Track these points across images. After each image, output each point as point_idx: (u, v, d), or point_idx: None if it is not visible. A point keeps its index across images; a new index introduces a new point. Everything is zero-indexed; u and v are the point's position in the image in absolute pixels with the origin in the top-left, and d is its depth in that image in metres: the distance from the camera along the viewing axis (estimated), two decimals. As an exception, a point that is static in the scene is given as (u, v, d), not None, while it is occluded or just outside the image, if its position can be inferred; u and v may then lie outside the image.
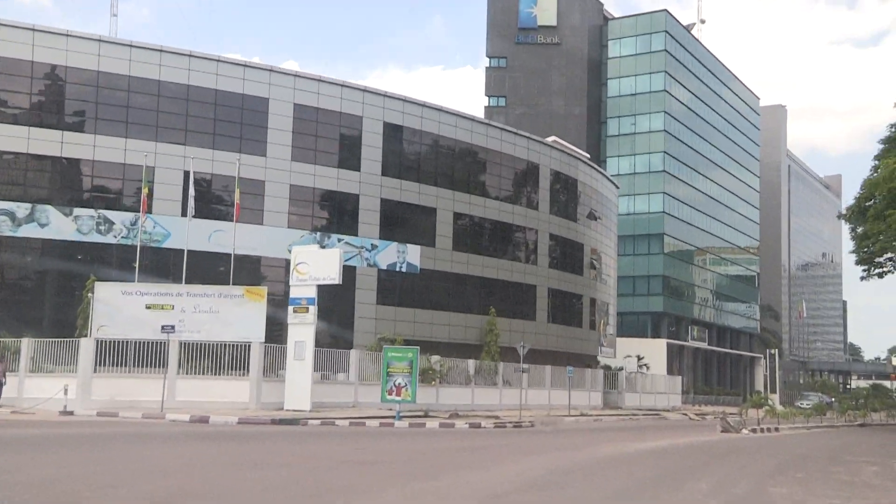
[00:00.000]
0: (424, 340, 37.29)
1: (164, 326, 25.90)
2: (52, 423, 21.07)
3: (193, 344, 26.80)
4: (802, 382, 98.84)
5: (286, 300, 28.06)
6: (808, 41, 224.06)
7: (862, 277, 39.18)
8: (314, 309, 27.19)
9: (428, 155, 42.12)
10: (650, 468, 14.75)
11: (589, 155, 58.20)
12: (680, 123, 75.78)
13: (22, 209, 32.30)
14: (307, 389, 26.76)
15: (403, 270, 39.65)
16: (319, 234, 37.08)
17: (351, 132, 38.89)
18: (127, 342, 26.29)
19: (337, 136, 38.59)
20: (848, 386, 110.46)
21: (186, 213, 31.44)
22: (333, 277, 27.11)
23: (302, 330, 27.21)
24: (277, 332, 28.65)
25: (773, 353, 70.60)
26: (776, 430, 30.28)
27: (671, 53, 74.49)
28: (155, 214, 33.49)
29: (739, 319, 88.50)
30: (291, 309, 27.61)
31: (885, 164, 32.71)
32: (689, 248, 77.31)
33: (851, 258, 39.40)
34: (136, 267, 30.46)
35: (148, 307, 26.92)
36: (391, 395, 25.95)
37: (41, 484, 10.14)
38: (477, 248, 43.27)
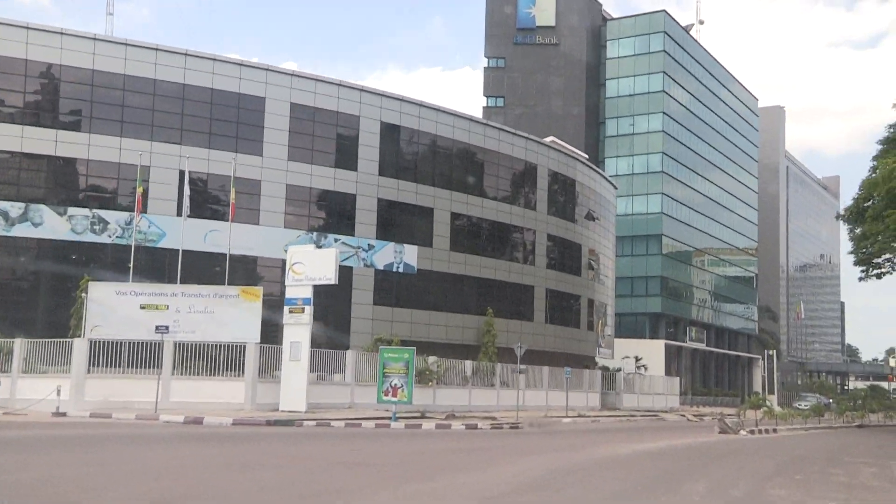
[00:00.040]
0: (421, 341, 37.17)
1: (158, 327, 25.84)
2: (44, 424, 20.93)
3: (188, 344, 26.72)
4: (800, 383, 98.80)
5: (282, 300, 27.95)
6: (806, 43, 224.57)
7: (860, 278, 39.12)
8: (310, 309, 27.16)
9: (425, 155, 41.94)
10: (647, 470, 14.63)
11: (587, 155, 58.08)
12: (678, 124, 75.67)
13: (15, 208, 32.11)
14: (303, 390, 26.72)
15: (400, 271, 39.48)
16: (316, 234, 36.91)
17: (348, 132, 38.72)
18: (121, 343, 26.14)
19: (334, 135, 38.41)
20: (845, 387, 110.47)
21: (182, 212, 31.27)
22: (329, 277, 27.06)
23: (297, 330, 27.17)
24: (273, 332, 28.50)
25: (771, 354, 70.42)
26: (774, 431, 30.22)
27: (670, 54, 74.39)
28: (150, 214, 33.28)
29: (737, 320, 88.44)
30: (287, 309, 27.55)
31: (883, 163, 32.61)
32: (687, 249, 77.20)
33: (849, 259, 39.37)
34: (130, 267, 30.27)
35: (142, 307, 26.85)
36: (387, 396, 25.87)
37: (30, 485, 10.01)
38: (474, 248, 43.11)
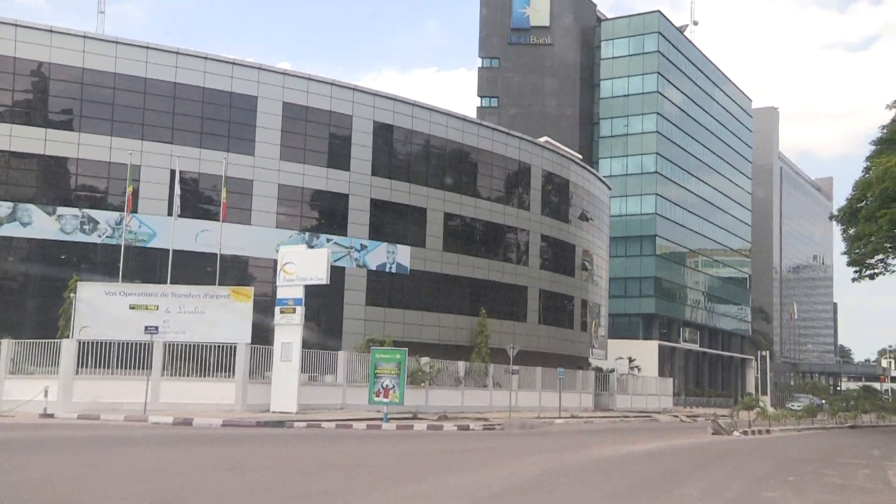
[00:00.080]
0: (414, 342, 36.99)
1: (147, 327, 25.64)
2: (30, 425, 20.70)
3: (178, 345, 26.53)
4: (793, 384, 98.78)
5: (274, 301, 27.78)
6: (799, 45, 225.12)
7: (853, 279, 39.03)
8: (301, 310, 27.01)
9: (418, 155, 41.73)
10: (640, 472, 14.48)
11: (581, 156, 57.95)
12: (672, 125, 75.61)
13: (4, 208, 31.80)
14: (294, 391, 26.56)
15: (393, 271, 39.28)
16: (308, 234, 36.69)
17: (340, 131, 38.49)
18: (110, 343, 25.92)
19: (326, 135, 38.18)
20: (838, 388, 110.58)
21: (172, 212, 31.03)
22: (321, 277, 26.91)
23: (289, 331, 27.03)
24: (265, 333, 28.29)
25: (764, 354, 70.34)
26: (767, 432, 30.11)
27: (664, 55, 74.33)
28: (141, 214, 33.03)
29: (731, 321, 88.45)
30: (278, 310, 27.40)
31: (877, 163, 32.53)
32: (681, 249, 77.15)
33: (842, 260, 39.32)
34: (120, 267, 30.03)
35: (132, 307, 26.65)
36: (379, 396, 25.71)
37: (9, 487, 9.80)
38: (467, 248, 42.93)
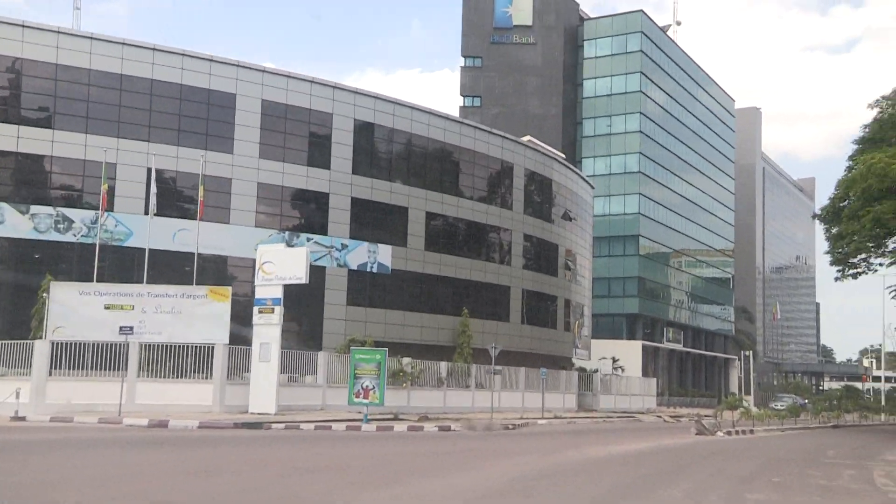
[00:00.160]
0: (396, 342, 36.67)
1: (122, 328, 25.15)
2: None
3: (155, 346, 26.16)
4: (776, 384, 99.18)
5: (253, 301, 27.34)
6: (781, 47, 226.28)
7: (836, 278, 39.02)
8: (280, 309, 26.67)
9: (400, 153, 41.33)
10: (621, 474, 14.19)
11: (564, 155, 57.75)
12: (655, 125, 75.62)
13: (-25, 206, 31.17)
14: (272, 392, 26.23)
15: (374, 271, 38.87)
16: (288, 233, 36.21)
17: (321, 130, 38.02)
18: (85, 344, 25.52)
19: (306, 133, 37.70)
20: (821, 387, 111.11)
21: (149, 211, 30.51)
22: (300, 277, 26.57)
23: (267, 331, 26.70)
24: (243, 333, 27.86)
25: (747, 354, 70.55)
26: (751, 432, 30.01)
27: (647, 54, 74.31)
28: (117, 213, 32.47)
29: (714, 321, 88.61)
30: (256, 310, 27.07)
31: (860, 160, 32.45)
32: (664, 249, 77.17)
33: (825, 261, 39.25)
34: (95, 267, 29.47)
35: (107, 308, 26.18)
36: (358, 397, 25.38)
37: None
38: (450, 248, 42.59)
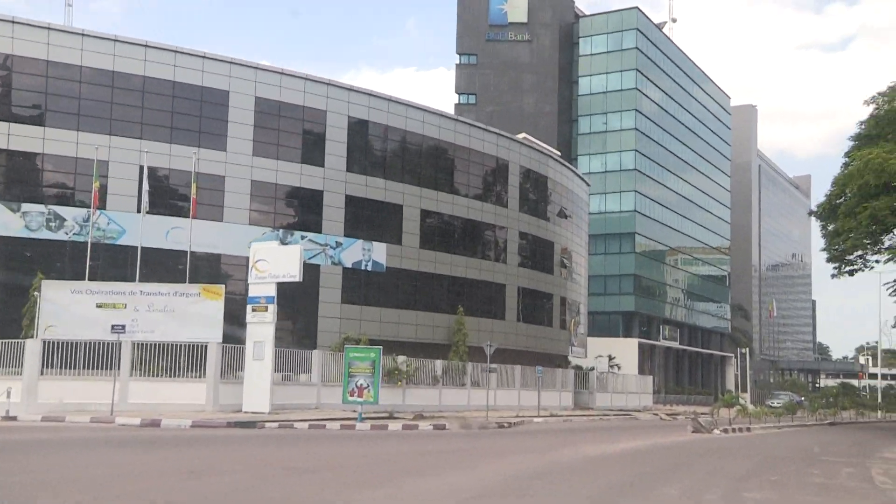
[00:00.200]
0: (391, 340, 36.46)
1: (114, 326, 24.95)
2: (-11, 428, 19.95)
3: (148, 344, 25.94)
4: (773, 381, 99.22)
5: (247, 299, 27.12)
6: (776, 45, 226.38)
7: (833, 275, 38.92)
8: (273, 308, 26.47)
9: (395, 151, 41.09)
10: (618, 473, 14.03)
11: (560, 153, 57.56)
12: (651, 122, 75.44)
13: (-34, 204, 30.89)
14: (266, 391, 26.05)
15: (369, 269, 38.64)
16: (282, 231, 35.97)
17: (315, 127, 37.75)
18: (77, 343, 25.30)
19: (300, 130, 37.42)
20: (817, 385, 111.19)
21: (141, 209, 30.28)
22: (294, 275, 26.38)
23: (261, 329, 26.50)
24: (237, 332, 27.65)
25: (743, 352, 70.36)
26: (748, 429, 29.89)
27: (642, 51, 74.11)
28: (110, 210, 32.21)
29: (710, 319, 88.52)
30: (250, 308, 26.86)
31: (857, 156, 32.29)
32: (660, 247, 77.02)
33: (820, 258, 39.16)
34: (87, 265, 29.23)
35: (99, 306, 25.99)
36: (353, 396, 25.16)
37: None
38: (445, 246, 42.37)
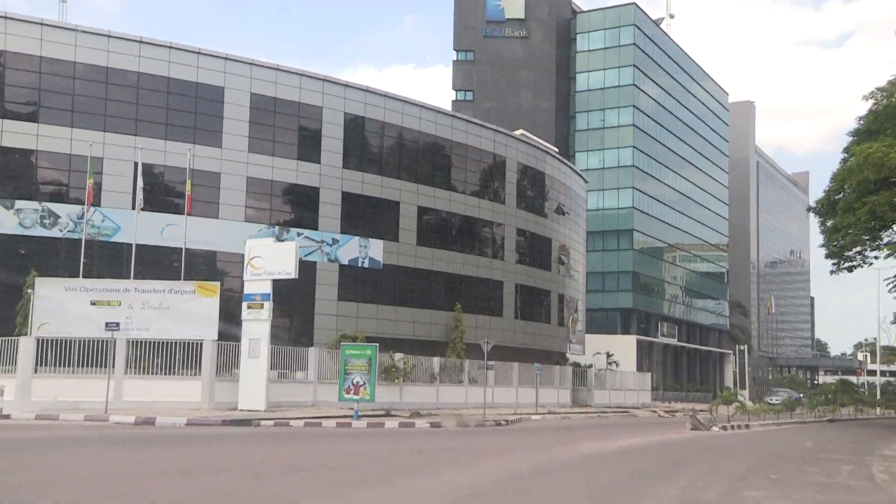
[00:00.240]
0: (388, 337, 36.31)
1: (108, 324, 24.76)
2: (-19, 427, 19.75)
3: (142, 342, 25.81)
4: (771, 378, 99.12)
5: (242, 296, 26.94)
6: (774, 41, 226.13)
7: (832, 271, 38.87)
8: (269, 305, 26.33)
9: (391, 147, 40.85)
10: (616, 471, 13.86)
11: (557, 149, 57.38)
12: (649, 118, 75.25)
13: (-41, 201, 30.64)
14: (262, 388, 25.91)
15: (366, 266, 38.43)
16: (278, 228, 35.74)
17: (311, 123, 37.52)
18: (71, 341, 25.19)
19: (296, 127, 37.19)
20: (815, 381, 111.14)
21: (135, 205, 30.05)
22: (289, 272, 26.23)
23: (256, 327, 26.37)
24: (234, 329, 27.45)
25: (742, 349, 70.34)
26: (747, 426, 29.72)
27: (640, 48, 73.90)
28: (104, 207, 31.99)
29: (709, 316, 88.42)
30: (245, 305, 26.71)
31: (857, 150, 32.15)
32: (658, 244, 76.86)
33: (819, 255, 39.06)
34: (82, 262, 29.02)
35: (93, 303, 25.80)
36: (349, 393, 24.98)
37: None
38: (442, 242, 42.15)
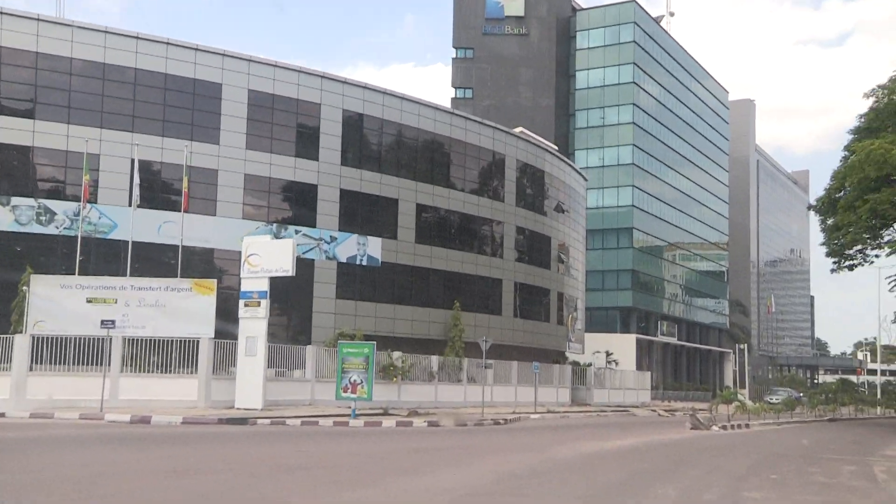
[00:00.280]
0: (386, 336, 36.15)
1: (104, 321, 24.56)
2: (-26, 425, 19.57)
3: (139, 340, 25.63)
4: (771, 377, 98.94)
5: (239, 294, 26.76)
6: (774, 40, 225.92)
7: (832, 270, 38.73)
8: (266, 303, 26.16)
9: (390, 145, 40.65)
10: (615, 471, 13.68)
11: (557, 147, 57.18)
12: (649, 116, 75.06)
13: (-45, 198, 30.45)
14: (259, 387, 25.74)
15: (364, 263, 38.25)
16: (276, 225, 35.54)
17: (309, 120, 37.31)
18: (66, 338, 25.01)
19: (294, 123, 36.98)
20: (815, 381, 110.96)
21: (132, 202, 29.87)
22: (286, 269, 26.06)
23: (253, 325, 26.20)
24: (231, 327, 27.27)
25: (742, 348, 70.11)
26: (747, 426, 29.55)
27: (640, 45, 73.71)
28: (101, 204, 31.79)
29: (709, 315, 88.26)
30: (242, 303, 26.53)
31: (858, 147, 31.99)
32: (658, 242, 76.70)
33: (819, 254, 38.93)
34: (79, 259, 28.83)
35: (89, 301, 25.58)
36: (346, 392, 24.81)
37: None
38: (441, 240, 41.97)
